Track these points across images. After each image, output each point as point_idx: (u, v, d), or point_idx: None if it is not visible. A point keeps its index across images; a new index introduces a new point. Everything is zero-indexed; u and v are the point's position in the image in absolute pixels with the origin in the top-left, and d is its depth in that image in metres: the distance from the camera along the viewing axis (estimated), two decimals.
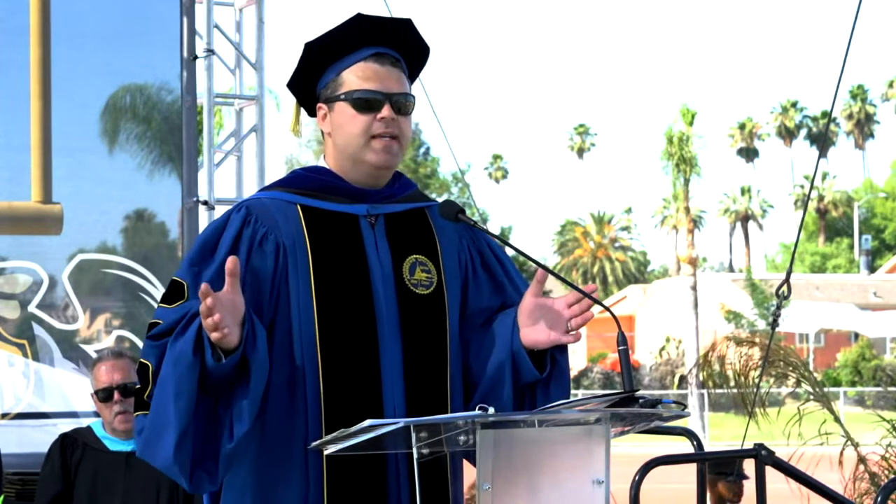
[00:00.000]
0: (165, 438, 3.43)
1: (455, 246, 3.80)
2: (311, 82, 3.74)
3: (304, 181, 3.74)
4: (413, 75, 3.80)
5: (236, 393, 3.48)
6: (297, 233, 3.65)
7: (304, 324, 3.59)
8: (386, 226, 3.72)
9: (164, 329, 3.50)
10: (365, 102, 3.63)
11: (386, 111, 3.63)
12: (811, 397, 8.82)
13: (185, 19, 8.14)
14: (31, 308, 7.67)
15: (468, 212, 3.72)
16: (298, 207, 3.68)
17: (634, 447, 13.61)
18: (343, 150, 3.69)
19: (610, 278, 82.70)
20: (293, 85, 3.77)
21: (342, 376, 3.58)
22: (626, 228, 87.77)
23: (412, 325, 3.66)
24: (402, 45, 3.73)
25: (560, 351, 3.68)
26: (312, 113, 3.80)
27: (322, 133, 3.76)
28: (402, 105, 3.66)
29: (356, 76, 3.65)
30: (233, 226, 3.63)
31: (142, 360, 3.53)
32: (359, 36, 3.67)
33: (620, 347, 3.49)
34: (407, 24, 3.75)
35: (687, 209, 42.19)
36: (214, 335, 3.36)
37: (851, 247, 78.43)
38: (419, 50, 3.78)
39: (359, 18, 3.69)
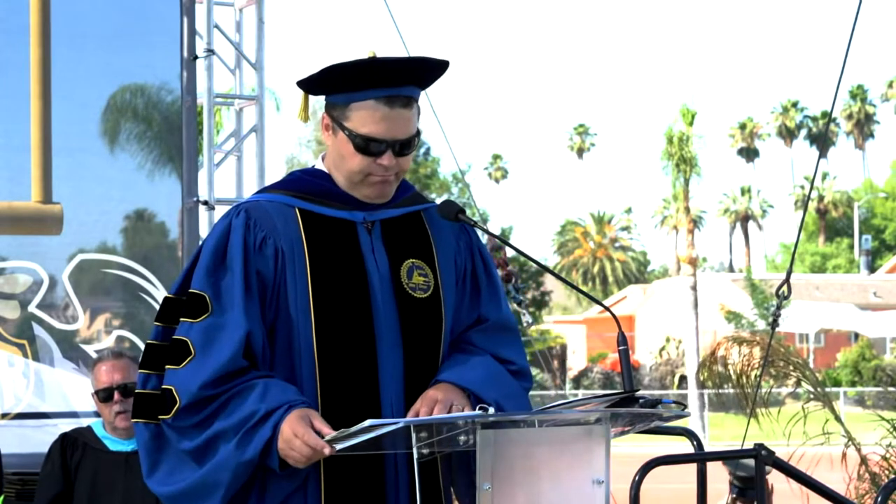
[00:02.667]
0: None
1: (452, 249, 3.80)
2: (321, 91, 3.73)
3: (302, 184, 3.73)
4: (428, 85, 3.76)
5: (275, 481, 3.57)
6: (296, 237, 3.65)
7: (301, 328, 3.60)
8: (382, 231, 3.72)
9: (214, 378, 3.52)
10: (368, 147, 3.61)
11: (386, 159, 3.62)
12: (811, 397, 8.82)
13: (185, 19, 8.14)
14: (31, 308, 7.66)
15: (468, 212, 3.73)
16: (297, 211, 3.68)
17: (634, 447, 13.60)
18: (339, 171, 3.70)
19: (610, 278, 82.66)
20: (303, 85, 3.75)
21: (339, 380, 3.58)
22: (626, 228, 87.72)
23: (411, 328, 3.66)
24: (418, 80, 3.68)
25: None
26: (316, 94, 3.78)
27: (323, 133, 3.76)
28: (407, 148, 3.64)
29: (363, 117, 3.61)
30: (237, 231, 3.63)
31: (171, 387, 3.53)
32: (372, 78, 3.61)
33: (620, 347, 3.49)
34: (423, 63, 3.68)
35: (687, 209, 42.16)
36: (301, 461, 3.46)
37: (851, 247, 78.39)
38: (438, 73, 3.73)
39: (373, 62, 3.61)
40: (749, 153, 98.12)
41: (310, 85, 3.71)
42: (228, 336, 3.53)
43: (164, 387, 3.55)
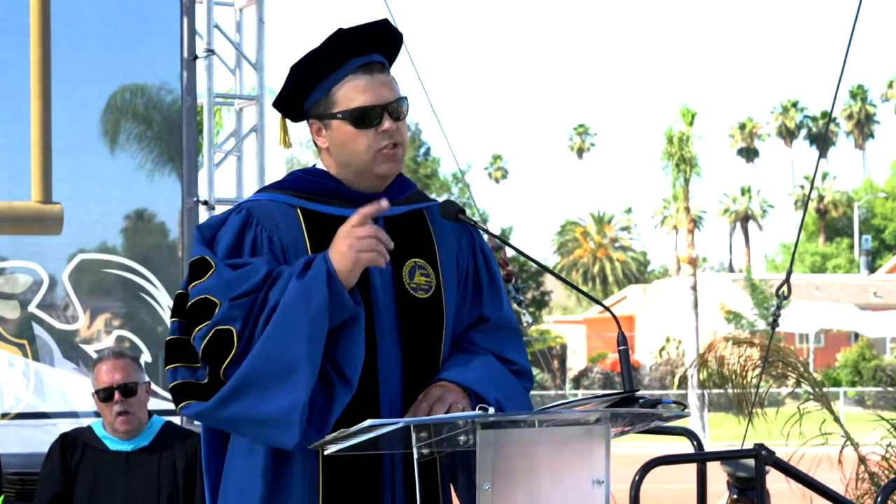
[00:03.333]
0: (294, 381, 3.35)
1: (454, 248, 3.79)
2: (298, 100, 3.71)
3: (303, 184, 3.72)
4: (391, 63, 3.79)
5: (342, 345, 3.45)
6: (298, 236, 3.64)
7: None
8: (385, 229, 3.71)
9: (246, 290, 3.40)
10: (364, 118, 3.60)
11: (387, 124, 3.61)
12: (811, 397, 8.81)
13: (185, 19, 8.14)
14: (31, 308, 7.66)
15: (468, 212, 3.72)
16: (298, 211, 3.67)
17: (634, 447, 13.62)
18: (347, 165, 3.67)
19: (610, 278, 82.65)
20: (279, 104, 3.74)
21: None
22: (626, 228, 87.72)
23: (411, 329, 3.65)
24: (384, 46, 3.70)
25: None
26: (296, 119, 3.78)
27: (315, 143, 3.74)
28: (399, 111, 3.65)
29: (348, 94, 3.61)
30: (231, 225, 3.61)
31: (221, 327, 3.40)
32: (343, 50, 3.63)
33: (620, 347, 3.49)
34: (385, 25, 3.71)
35: (687, 209, 42.18)
36: (374, 258, 3.40)
37: (851, 247, 78.41)
38: (398, 43, 3.76)
39: (340, 33, 3.64)
40: (749, 153, 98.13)
41: (288, 95, 3.70)
42: (252, 272, 3.47)
43: (218, 329, 3.41)
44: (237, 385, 3.39)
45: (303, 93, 3.68)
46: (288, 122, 3.81)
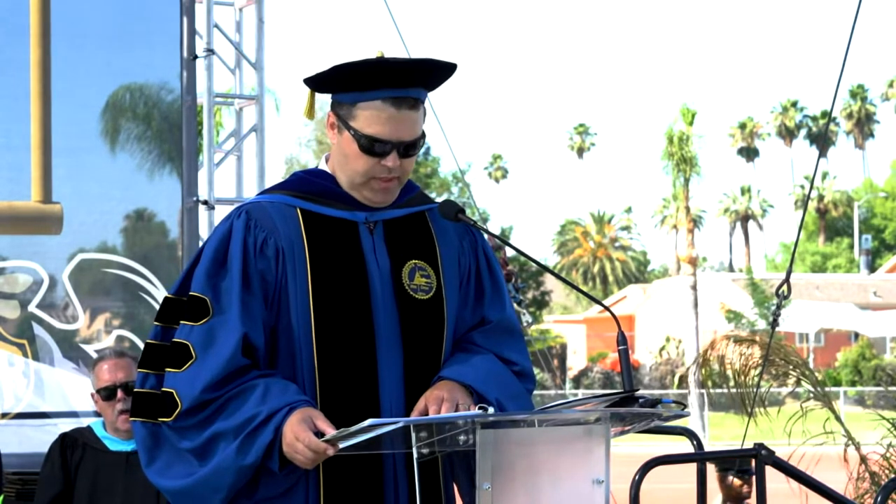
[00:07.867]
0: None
1: (455, 249, 3.79)
2: (328, 90, 3.71)
3: (304, 185, 3.73)
4: (435, 87, 3.76)
5: (271, 476, 3.59)
6: (296, 237, 3.64)
7: (301, 329, 3.60)
8: (385, 231, 3.71)
9: (215, 381, 3.53)
10: (373, 148, 3.60)
11: (391, 160, 3.60)
12: (811, 397, 8.82)
13: (185, 19, 8.14)
14: (31, 308, 7.66)
15: (468, 212, 3.72)
16: (298, 211, 3.68)
17: (634, 447, 13.63)
18: (343, 172, 3.68)
19: (610, 278, 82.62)
20: (310, 84, 3.74)
21: (338, 381, 3.58)
22: (626, 228, 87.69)
23: (412, 330, 3.65)
24: (424, 82, 3.67)
25: None
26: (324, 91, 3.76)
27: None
28: (410, 150, 3.63)
29: (369, 117, 3.59)
30: (238, 234, 3.63)
31: (172, 390, 3.55)
32: (379, 79, 3.59)
33: (620, 347, 3.49)
34: (430, 64, 3.66)
35: (687, 209, 42.21)
36: (307, 464, 3.48)
37: (851, 247, 78.39)
38: (444, 74, 3.71)
39: (381, 62, 3.60)
40: (749, 153, 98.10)
41: (317, 83, 3.70)
42: (228, 338, 3.54)
43: (164, 389, 3.56)
44: (171, 492, 3.66)
45: (334, 89, 3.67)
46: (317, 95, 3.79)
